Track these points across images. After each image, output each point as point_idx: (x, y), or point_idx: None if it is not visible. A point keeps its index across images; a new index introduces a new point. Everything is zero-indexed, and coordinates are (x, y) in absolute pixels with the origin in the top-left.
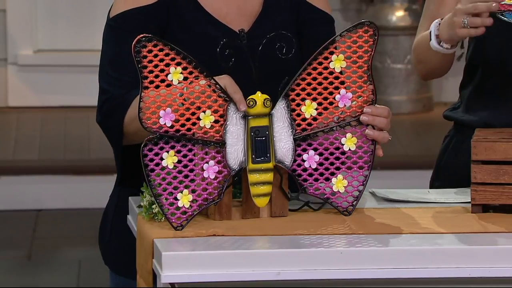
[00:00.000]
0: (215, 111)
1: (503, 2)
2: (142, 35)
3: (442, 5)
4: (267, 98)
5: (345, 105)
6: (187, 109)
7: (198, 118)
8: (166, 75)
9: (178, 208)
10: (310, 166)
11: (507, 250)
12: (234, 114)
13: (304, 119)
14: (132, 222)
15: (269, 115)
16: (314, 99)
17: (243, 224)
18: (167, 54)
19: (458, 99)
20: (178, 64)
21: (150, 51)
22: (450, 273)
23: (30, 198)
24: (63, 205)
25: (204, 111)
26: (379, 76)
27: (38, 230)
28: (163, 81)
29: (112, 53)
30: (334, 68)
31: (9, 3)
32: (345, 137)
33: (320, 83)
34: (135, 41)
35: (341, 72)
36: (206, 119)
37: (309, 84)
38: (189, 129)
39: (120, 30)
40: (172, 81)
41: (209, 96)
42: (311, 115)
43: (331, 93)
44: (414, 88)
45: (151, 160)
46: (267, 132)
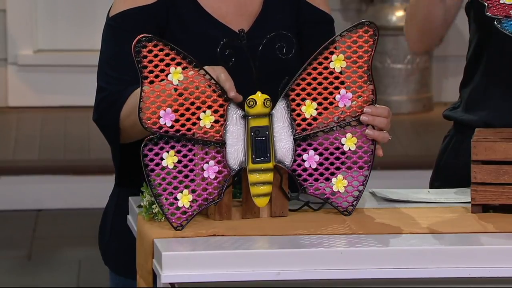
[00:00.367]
0: (215, 111)
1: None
2: (142, 35)
3: None
4: (267, 98)
5: (345, 105)
6: (187, 109)
7: (198, 118)
8: (166, 75)
9: (178, 208)
10: (310, 166)
11: (507, 250)
12: (234, 114)
13: (304, 119)
14: (132, 222)
15: (269, 115)
16: (314, 99)
17: (243, 224)
18: (167, 54)
19: (458, 99)
20: (178, 64)
21: (150, 51)
22: (450, 273)
23: (30, 198)
24: (63, 205)
25: (204, 111)
26: (379, 76)
27: (38, 230)
28: (163, 81)
29: (111, 53)
30: (334, 68)
31: (9, 3)
32: (345, 137)
33: (320, 83)
34: (135, 41)
35: (341, 72)
36: (206, 119)
37: (309, 84)
38: (189, 129)
39: (119, 30)
40: (172, 81)
41: (209, 96)
42: (311, 115)
43: (331, 93)
44: (414, 88)
45: (151, 160)
46: (267, 132)
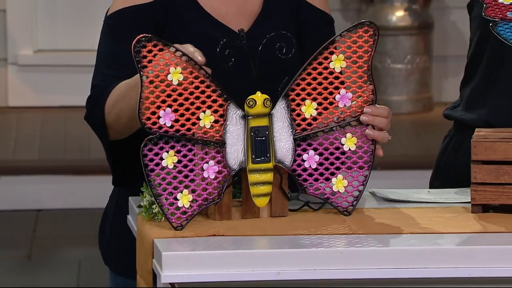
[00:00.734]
0: (215, 111)
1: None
2: (142, 35)
3: None
4: (267, 98)
5: (345, 105)
6: (187, 109)
7: (198, 118)
8: (166, 75)
9: (178, 208)
10: (310, 166)
11: (507, 250)
12: (234, 114)
13: (304, 119)
14: (132, 222)
15: (269, 115)
16: (314, 99)
17: (243, 224)
18: (167, 54)
19: (459, 98)
20: (178, 64)
21: (150, 51)
22: (450, 273)
23: (30, 198)
24: (63, 205)
25: (204, 111)
26: (379, 76)
27: (38, 230)
28: (163, 81)
29: (108, 51)
30: (334, 68)
31: (9, 3)
32: (345, 137)
33: (320, 83)
34: (135, 41)
35: (341, 72)
36: (206, 119)
37: (309, 84)
38: (189, 129)
39: (117, 28)
40: (172, 81)
41: (209, 96)
42: (311, 115)
43: (331, 93)
44: (414, 88)
45: (151, 160)
46: (267, 132)
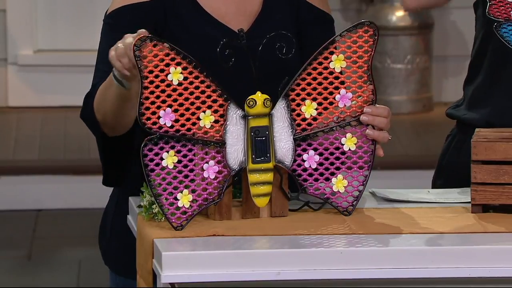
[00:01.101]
0: (215, 111)
1: None
2: (143, 35)
3: None
4: (267, 98)
5: (345, 105)
6: (187, 109)
7: (198, 118)
8: (166, 75)
9: (178, 208)
10: (310, 166)
11: (507, 250)
12: (234, 114)
13: (304, 119)
14: (132, 222)
15: (269, 115)
16: (314, 99)
17: (243, 224)
18: (167, 54)
19: (462, 97)
20: (178, 64)
21: (150, 51)
22: (450, 273)
23: (30, 198)
24: (63, 205)
25: (204, 111)
26: (379, 76)
27: (38, 230)
28: (163, 81)
29: (107, 49)
30: (334, 68)
31: (9, 3)
32: (345, 137)
33: (320, 83)
34: (135, 41)
35: (341, 72)
36: (206, 119)
37: (309, 84)
38: (189, 129)
39: (116, 26)
40: (172, 81)
41: (209, 96)
42: (311, 115)
43: (331, 93)
44: (414, 88)
45: (151, 160)
46: (267, 132)
